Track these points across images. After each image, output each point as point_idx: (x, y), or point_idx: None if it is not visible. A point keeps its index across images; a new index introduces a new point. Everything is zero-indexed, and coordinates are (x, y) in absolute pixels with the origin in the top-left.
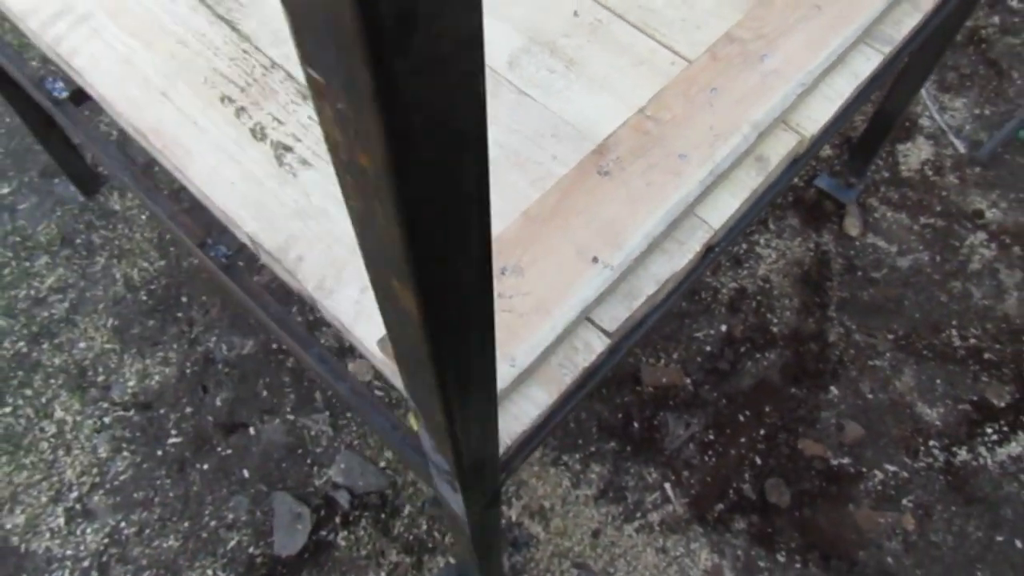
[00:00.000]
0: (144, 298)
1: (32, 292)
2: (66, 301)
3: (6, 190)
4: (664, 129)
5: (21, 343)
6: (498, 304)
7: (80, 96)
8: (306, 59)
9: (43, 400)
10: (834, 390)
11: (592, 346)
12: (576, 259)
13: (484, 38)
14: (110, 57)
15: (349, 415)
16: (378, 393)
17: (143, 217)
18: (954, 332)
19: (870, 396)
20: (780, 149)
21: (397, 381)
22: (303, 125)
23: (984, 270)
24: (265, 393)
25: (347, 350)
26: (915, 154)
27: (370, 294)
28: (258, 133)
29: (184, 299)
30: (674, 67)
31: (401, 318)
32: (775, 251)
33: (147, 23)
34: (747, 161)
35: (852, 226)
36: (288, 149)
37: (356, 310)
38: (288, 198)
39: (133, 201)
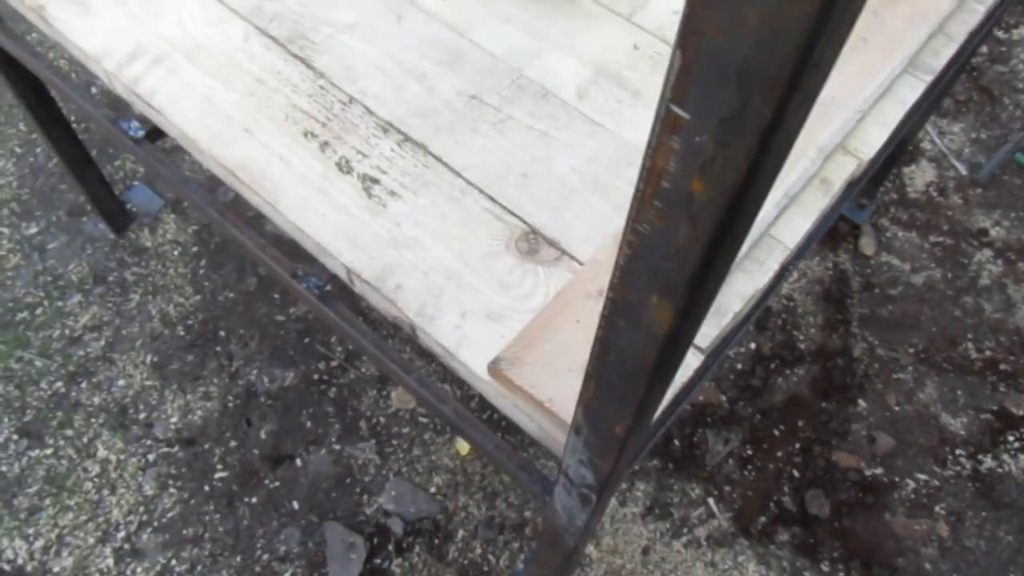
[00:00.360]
0: (182, 333)
1: (67, 331)
2: (102, 339)
3: (34, 229)
4: None
5: (59, 383)
6: None
7: (155, 135)
8: (675, 98)
9: (85, 440)
10: (862, 403)
11: (688, 363)
12: None
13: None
14: (190, 96)
15: (396, 442)
16: (423, 420)
17: (175, 253)
18: (970, 345)
19: (896, 408)
20: (842, 172)
21: (502, 402)
22: (387, 158)
23: (993, 285)
24: (309, 424)
25: (387, 377)
26: (920, 176)
27: (470, 320)
28: (344, 166)
29: (222, 333)
30: None
31: (637, 332)
32: (796, 271)
33: (222, 63)
34: (814, 184)
35: (867, 246)
36: (375, 181)
37: (458, 335)
38: (381, 228)
39: (164, 237)
